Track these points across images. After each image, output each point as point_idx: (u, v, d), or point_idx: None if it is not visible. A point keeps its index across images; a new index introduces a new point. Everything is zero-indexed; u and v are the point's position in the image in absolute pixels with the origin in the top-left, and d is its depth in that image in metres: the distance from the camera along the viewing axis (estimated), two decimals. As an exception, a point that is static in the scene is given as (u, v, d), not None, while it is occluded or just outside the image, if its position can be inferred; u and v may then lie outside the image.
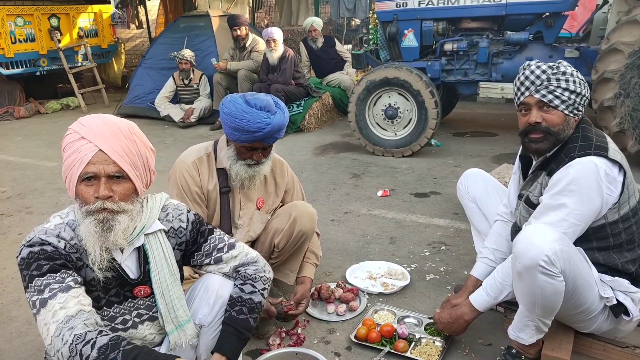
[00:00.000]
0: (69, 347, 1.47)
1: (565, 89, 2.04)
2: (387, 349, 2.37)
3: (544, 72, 2.07)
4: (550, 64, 2.09)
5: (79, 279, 1.62)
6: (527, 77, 2.10)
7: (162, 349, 1.84)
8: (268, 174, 2.59)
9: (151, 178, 1.75)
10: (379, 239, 3.63)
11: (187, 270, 2.34)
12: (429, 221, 3.91)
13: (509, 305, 2.41)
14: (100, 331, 1.52)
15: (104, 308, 1.71)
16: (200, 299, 1.89)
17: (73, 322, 1.50)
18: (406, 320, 2.60)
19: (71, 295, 1.55)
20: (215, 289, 1.89)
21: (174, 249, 1.83)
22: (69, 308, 1.52)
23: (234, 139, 2.36)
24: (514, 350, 2.19)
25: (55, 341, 1.49)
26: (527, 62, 2.15)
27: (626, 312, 2.07)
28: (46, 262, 1.57)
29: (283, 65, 6.99)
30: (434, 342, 2.40)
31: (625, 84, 4.47)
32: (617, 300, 2.06)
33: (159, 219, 1.81)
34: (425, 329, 2.50)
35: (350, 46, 8.59)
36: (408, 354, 2.33)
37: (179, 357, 1.55)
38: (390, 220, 3.97)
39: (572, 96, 2.05)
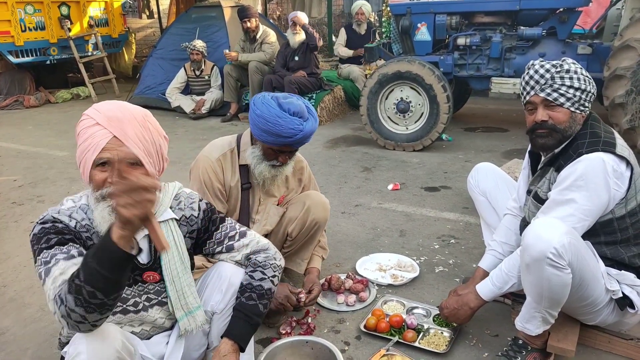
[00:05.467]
0: (59, 309, 1.46)
1: (570, 87, 2.06)
2: (395, 338, 2.40)
3: (547, 70, 2.09)
4: (554, 62, 2.12)
5: (84, 251, 1.62)
6: (531, 77, 2.13)
7: (173, 335, 1.87)
8: (290, 173, 2.62)
9: (164, 166, 1.75)
10: (389, 232, 3.66)
11: (199, 259, 2.36)
12: (438, 215, 3.94)
13: (517, 297, 2.44)
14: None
15: None
16: (213, 286, 1.92)
17: (64, 286, 1.46)
18: (415, 311, 2.64)
19: (72, 262, 1.54)
20: (227, 277, 1.91)
21: (185, 237, 1.85)
22: (67, 274, 1.50)
23: (262, 140, 2.37)
24: (520, 341, 2.22)
25: (50, 305, 1.49)
26: (531, 62, 2.18)
27: (631, 305, 2.10)
28: (55, 236, 1.60)
29: (307, 52, 6.93)
30: (442, 333, 2.44)
31: (637, 81, 4.45)
32: (623, 293, 2.09)
33: (170, 207, 1.83)
34: (434, 320, 2.54)
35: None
36: (416, 344, 2.36)
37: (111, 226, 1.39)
38: (400, 213, 3.99)
39: (577, 93, 2.07)
